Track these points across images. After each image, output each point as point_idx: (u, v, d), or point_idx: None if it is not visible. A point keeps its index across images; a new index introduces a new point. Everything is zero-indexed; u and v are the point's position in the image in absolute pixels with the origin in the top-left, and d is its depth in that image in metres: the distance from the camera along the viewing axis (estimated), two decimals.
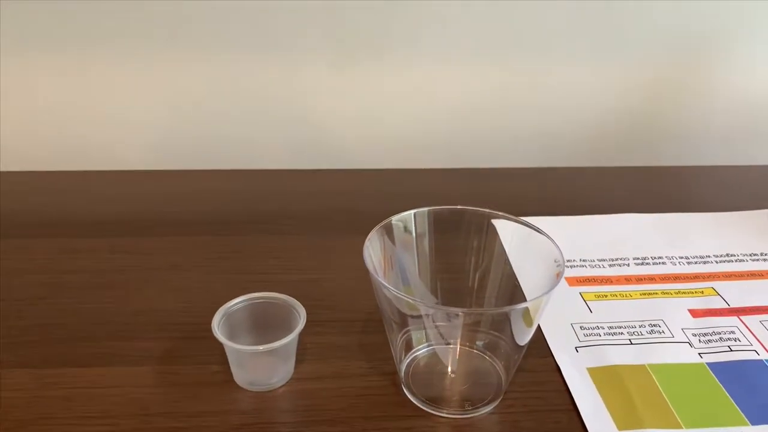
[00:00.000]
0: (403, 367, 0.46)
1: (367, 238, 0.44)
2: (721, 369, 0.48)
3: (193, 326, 0.51)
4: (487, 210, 0.47)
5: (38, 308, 0.53)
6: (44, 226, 0.63)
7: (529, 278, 0.46)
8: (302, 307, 0.46)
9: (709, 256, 0.61)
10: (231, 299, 0.47)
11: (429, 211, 0.47)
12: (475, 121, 0.81)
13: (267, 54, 0.75)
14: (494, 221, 0.47)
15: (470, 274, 0.48)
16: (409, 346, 0.46)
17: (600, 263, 0.60)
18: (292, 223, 0.65)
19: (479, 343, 0.46)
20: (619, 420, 0.44)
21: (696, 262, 0.60)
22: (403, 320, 0.44)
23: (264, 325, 0.47)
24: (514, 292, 0.46)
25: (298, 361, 0.47)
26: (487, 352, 0.46)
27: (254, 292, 0.48)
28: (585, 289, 0.56)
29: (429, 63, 0.77)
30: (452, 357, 0.47)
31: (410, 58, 0.77)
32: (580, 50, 0.78)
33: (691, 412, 0.44)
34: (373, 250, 0.44)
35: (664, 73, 0.80)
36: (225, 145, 0.80)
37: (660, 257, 0.61)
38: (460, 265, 0.48)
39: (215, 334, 0.44)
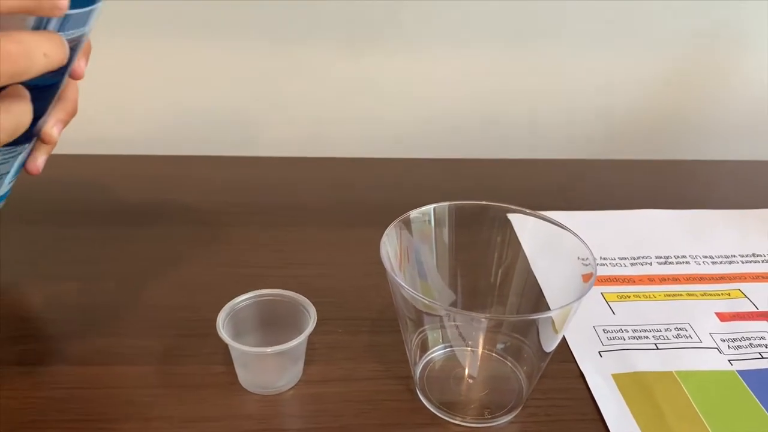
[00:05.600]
0: (418, 371, 0.44)
1: (385, 233, 0.41)
2: (752, 377, 0.45)
3: (194, 322, 0.48)
4: (512, 206, 0.44)
5: (27, 301, 0.50)
6: (35, 213, 0.60)
7: (554, 278, 0.44)
8: (312, 306, 0.43)
9: (734, 256, 0.58)
10: (234, 295, 0.44)
11: (450, 206, 0.44)
12: (490, 110, 0.78)
13: (273, 39, 0.72)
14: (517, 216, 0.45)
15: (492, 270, 0.45)
16: (424, 348, 0.44)
17: (621, 262, 0.57)
18: (297, 214, 0.62)
19: (500, 346, 0.43)
20: (648, 431, 0.41)
21: (721, 262, 0.58)
22: (419, 318, 0.41)
23: (271, 323, 0.44)
24: (540, 292, 0.43)
25: (307, 362, 0.44)
26: (509, 357, 0.43)
27: (258, 287, 0.45)
28: (606, 289, 0.54)
29: (442, 50, 0.74)
30: (471, 360, 0.44)
31: (422, 44, 0.73)
32: (601, 40, 0.75)
33: (722, 422, 0.42)
34: (390, 245, 0.41)
35: (686, 64, 0.77)
36: (228, 130, 0.77)
37: (683, 256, 0.58)
38: (482, 261, 0.45)
39: (220, 334, 0.41)
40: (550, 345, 0.39)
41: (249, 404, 0.42)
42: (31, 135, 0.37)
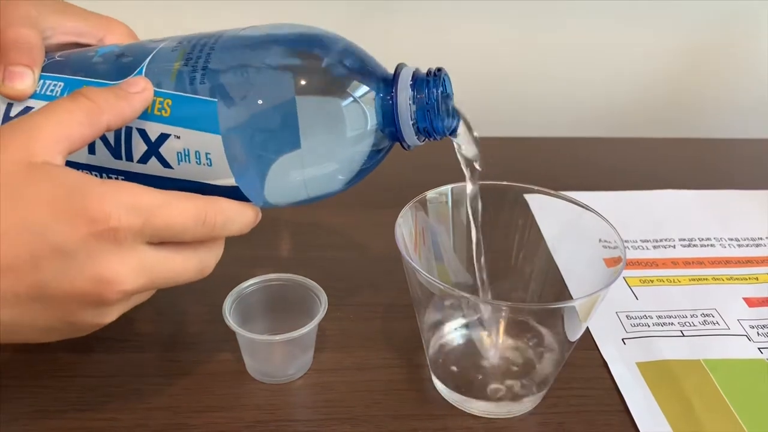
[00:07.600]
0: (434, 359, 0.42)
1: (400, 215, 0.39)
2: None
3: (200, 307, 0.46)
4: (533, 186, 0.42)
5: None
6: None
7: (575, 262, 0.41)
8: (323, 291, 0.41)
9: (761, 238, 0.56)
10: (243, 279, 0.42)
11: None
12: (501, 86, 0.75)
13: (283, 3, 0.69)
14: (538, 197, 0.42)
15: (512, 253, 0.43)
16: (440, 335, 0.42)
17: (643, 244, 0.55)
18: None
19: (522, 333, 0.41)
20: (676, 423, 0.39)
21: (747, 245, 0.55)
22: (435, 304, 0.39)
23: (280, 309, 0.42)
24: (563, 277, 0.41)
25: (317, 349, 0.42)
26: (530, 346, 0.41)
27: (268, 271, 0.43)
28: (629, 273, 0.51)
29: (452, 24, 0.71)
30: (490, 348, 0.42)
31: (428, 17, 0.71)
32: (618, 12, 0.72)
33: (754, 413, 0.40)
34: (405, 227, 0.39)
35: (707, 39, 0.74)
36: None
37: (708, 238, 0.56)
38: (501, 244, 0.43)
39: (226, 321, 0.39)
40: (575, 334, 0.37)
41: (257, 394, 0.40)
42: None
